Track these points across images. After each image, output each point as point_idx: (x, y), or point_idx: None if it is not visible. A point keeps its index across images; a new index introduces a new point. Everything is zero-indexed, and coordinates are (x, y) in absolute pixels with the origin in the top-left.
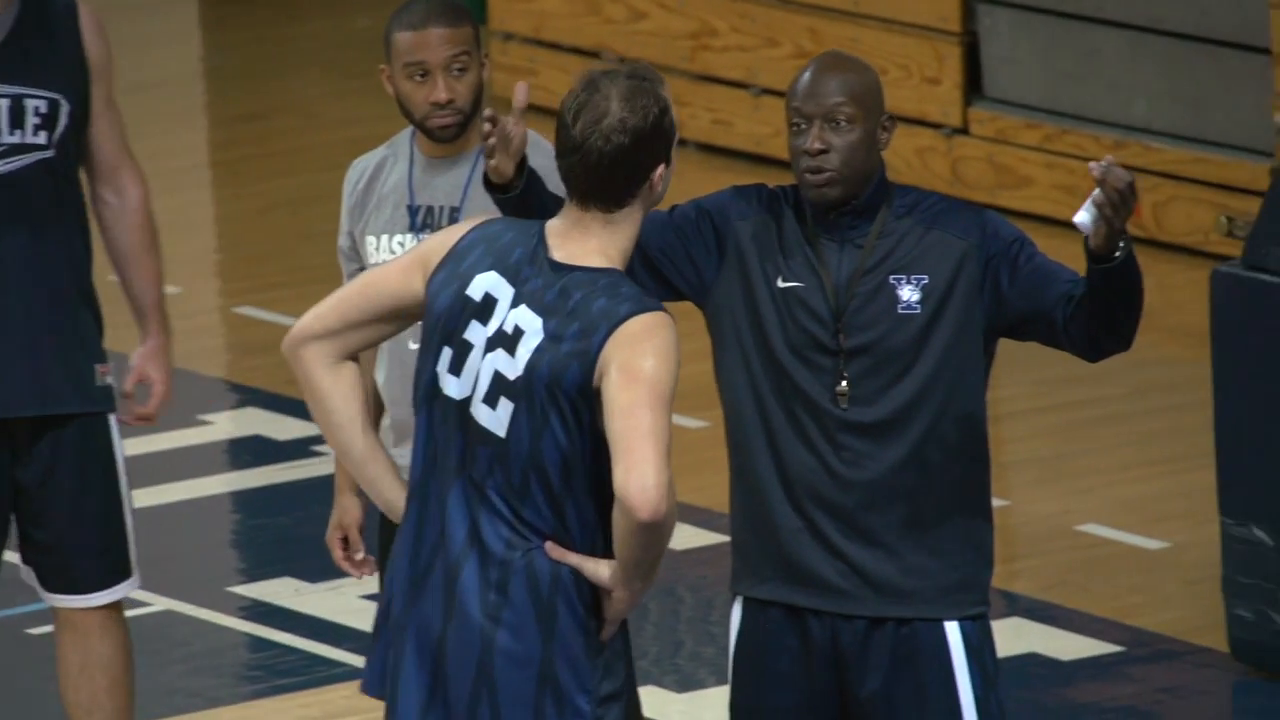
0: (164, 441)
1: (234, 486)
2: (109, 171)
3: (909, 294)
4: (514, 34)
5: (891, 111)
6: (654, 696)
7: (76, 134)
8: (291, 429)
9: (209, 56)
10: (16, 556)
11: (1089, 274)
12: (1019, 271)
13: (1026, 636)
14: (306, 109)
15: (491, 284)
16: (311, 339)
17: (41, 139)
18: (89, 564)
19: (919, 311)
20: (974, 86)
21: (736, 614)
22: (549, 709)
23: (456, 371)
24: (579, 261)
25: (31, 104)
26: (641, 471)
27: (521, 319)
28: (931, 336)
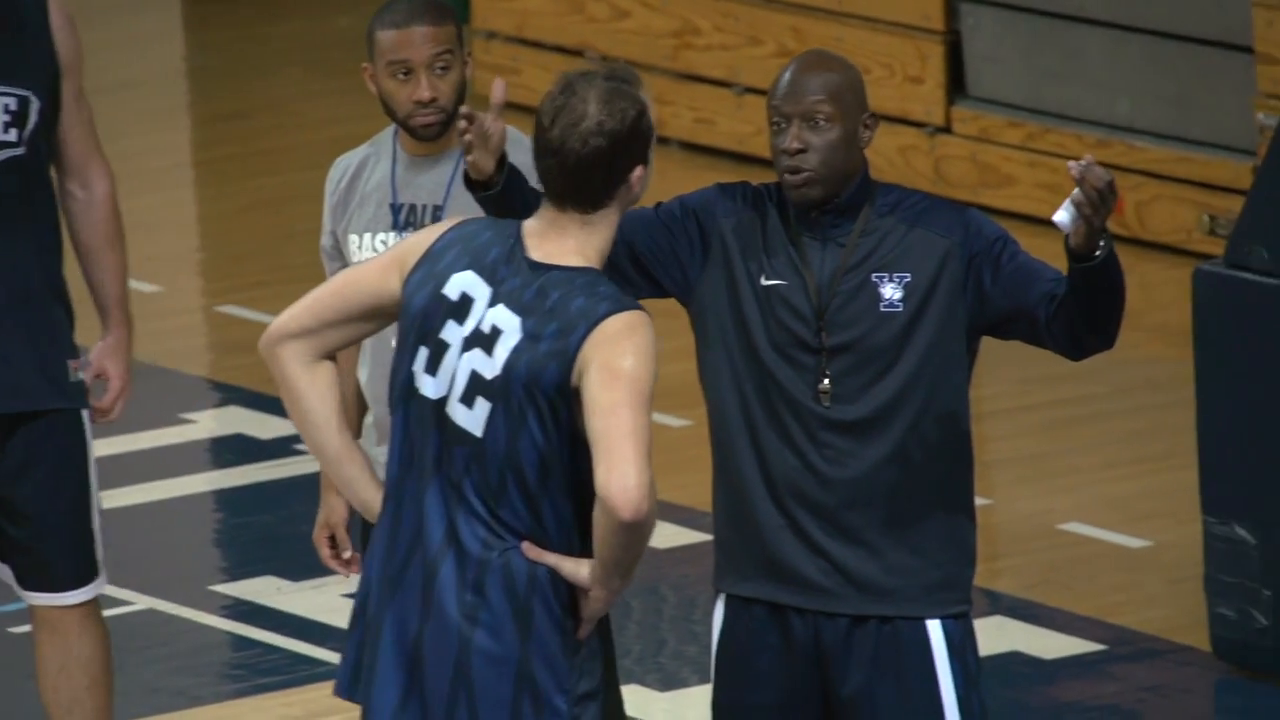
0: (146, 440)
1: (216, 485)
2: (77, 166)
3: (891, 292)
4: (497, 32)
5: (874, 110)
6: (637, 695)
7: (47, 131)
8: (274, 428)
9: (191, 56)
10: None
11: (1070, 273)
12: (1002, 270)
13: (1009, 635)
14: (289, 108)
15: (468, 283)
16: (288, 338)
17: (12, 136)
18: (65, 561)
19: (901, 310)
20: (957, 85)
21: (719, 611)
22: (526, 708)
23: (433, 371)
24: (556, 261)
25: (1, 101)
26: (623, 471)
27: (499, 318)
28: (914, 335)
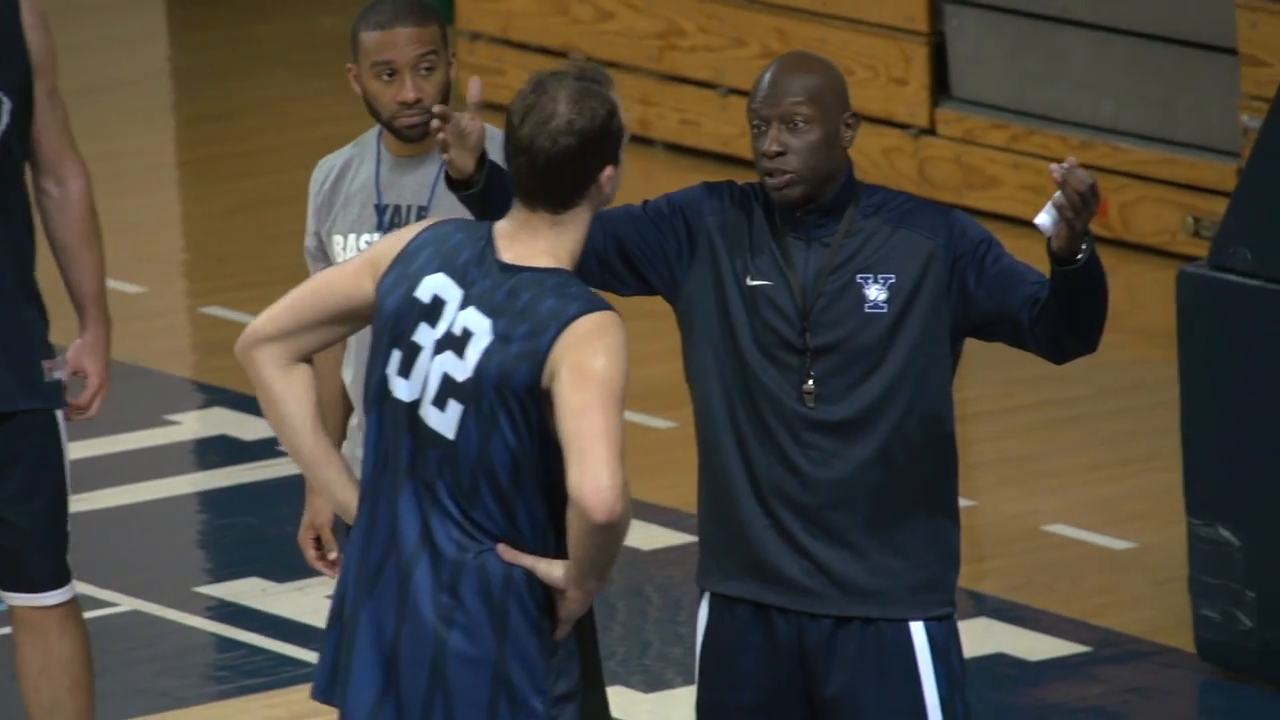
0: (130, 441)
1: (201, 486)
2: (51, 163)
3: (876, 293)
4: (481, 34)
5: (858, 112)
6: (621, 697)
7: (20, 131)
8: (258, 429)
9: (176, 56)
10: None
11: (1052, 276)
12: (986, 272)
13: (994, 637)
14: (273, 109)
15: (440, 286)
16: (264, 341)
17: None
18: (43, 562)
19: (886, 311)
20: (941, 87)
21: (703, 611)
22: (503, 710)
23: (406, 374)
24: (527, 262)
25: None
26: (596, 473)
27: (470, 321)
28: (898, 336)
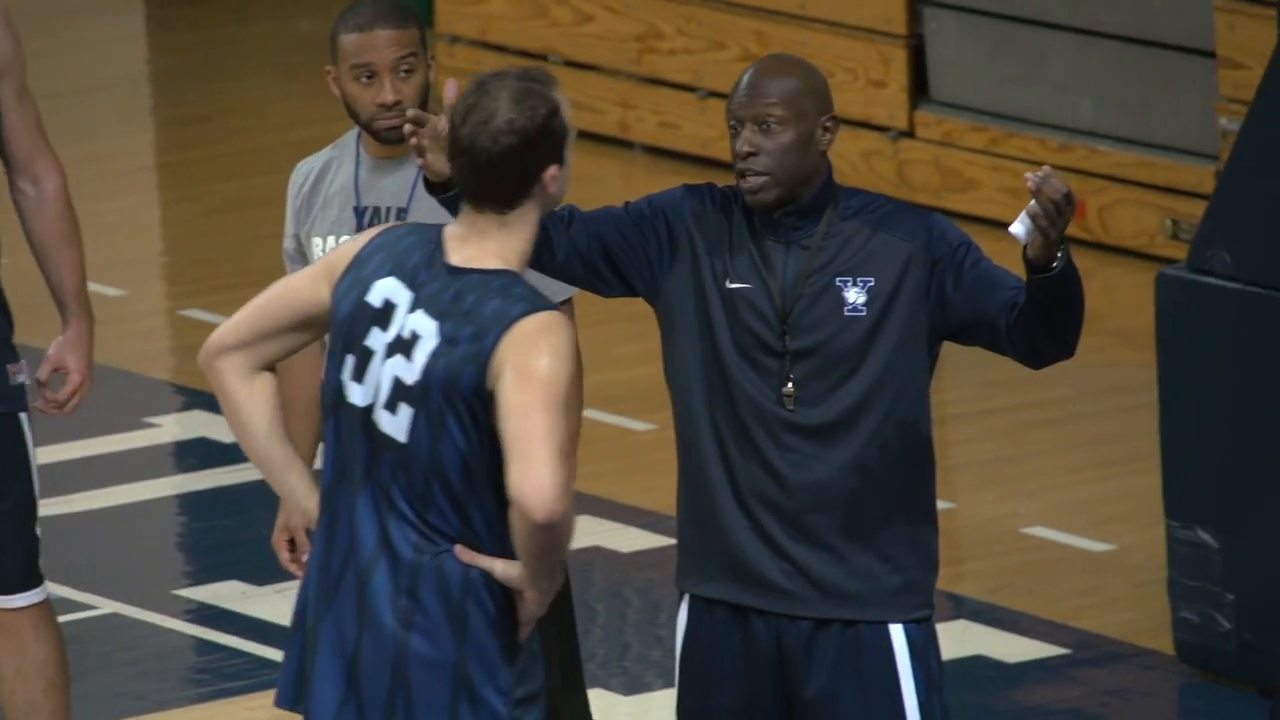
0: (110, 444)
1: (180, 489)
2: (24, 163)
3: (855, 296)
4: (460, 36)
5: (837, 114)
6: (601, 699)
7: None
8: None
9: (155, 59)
10: None
11: (1028, 283)
12: (964, 276)
13: (973, 639)
14: (253, 111)
15: (390, 290)
16: (225, 350)
17: None
18: (13, 564)
19: (865, 314)
20: (920, 89)
21: (683, 613)
22: (464, 712)
23: (359, 379)
24: (475, 264)
25: None
26: (536, 473)
27: (418, 324)
28: (878, 339)
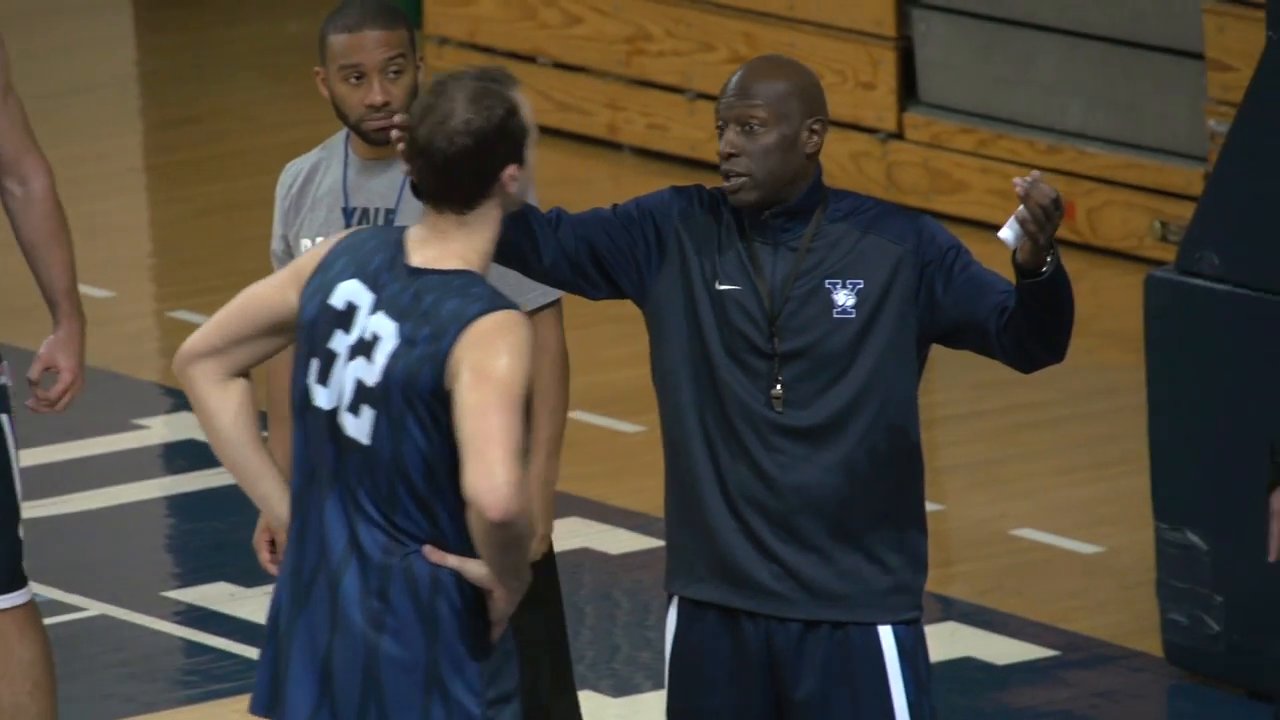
0: (98, 446)
1: (169, 491)
2: (11, 162)
3: (844, 298)
4: (449, 38)
5: (828, 116)
6: (590, 701)
7: None
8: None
9: (143, 60)
10: None
11: (1017, 288)
12: (954, 280)
13: (962, 640)
14: (241, 113)
15: (352, 292)
16: (197, 358)
17: None
18: None
19: (854, 316)
20: (909, 91)
21: (672, 615)
22: (437, 712)
23: (324, 381)
24: (436, 265)
25: None
26: (490, 472)
27: (379, 326)
28: (867, 341)
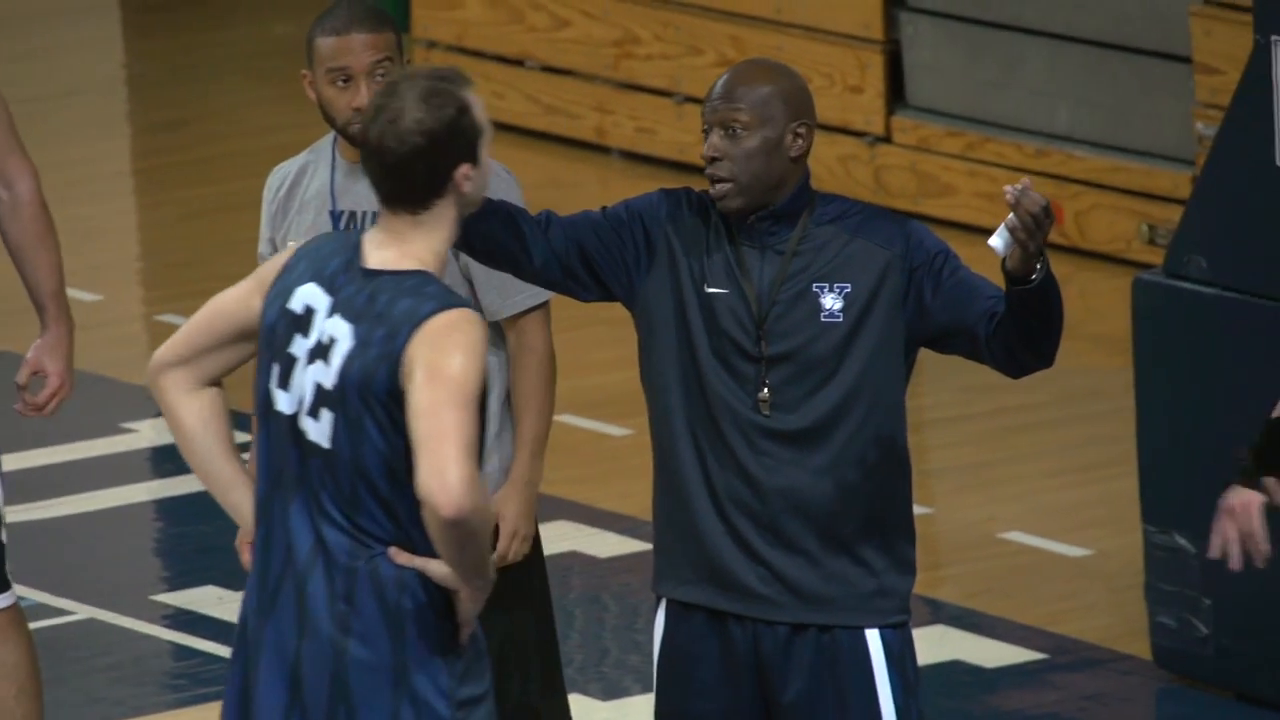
0: (87, 450)
1: (157, 495)
2: None
3: (831, 302)
4: (437, 42)
5: (815, 119)
6: (580, 704)
7: None
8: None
9: (131, 64)
10: None
11: (1007, 295)
12: (942, 284)
13: (950, 644)
14: (229, 116)
15: (310, 296)
16: (167, 368)
17: None
18: None
19: (841, 320)
20: (897, 95)
21: (660, 618)
22: (406, 715)
23: (285, 386)
24: (390, 266)
25: None
26: (442, 469)
27: (335, 328)
28: (854, 345)
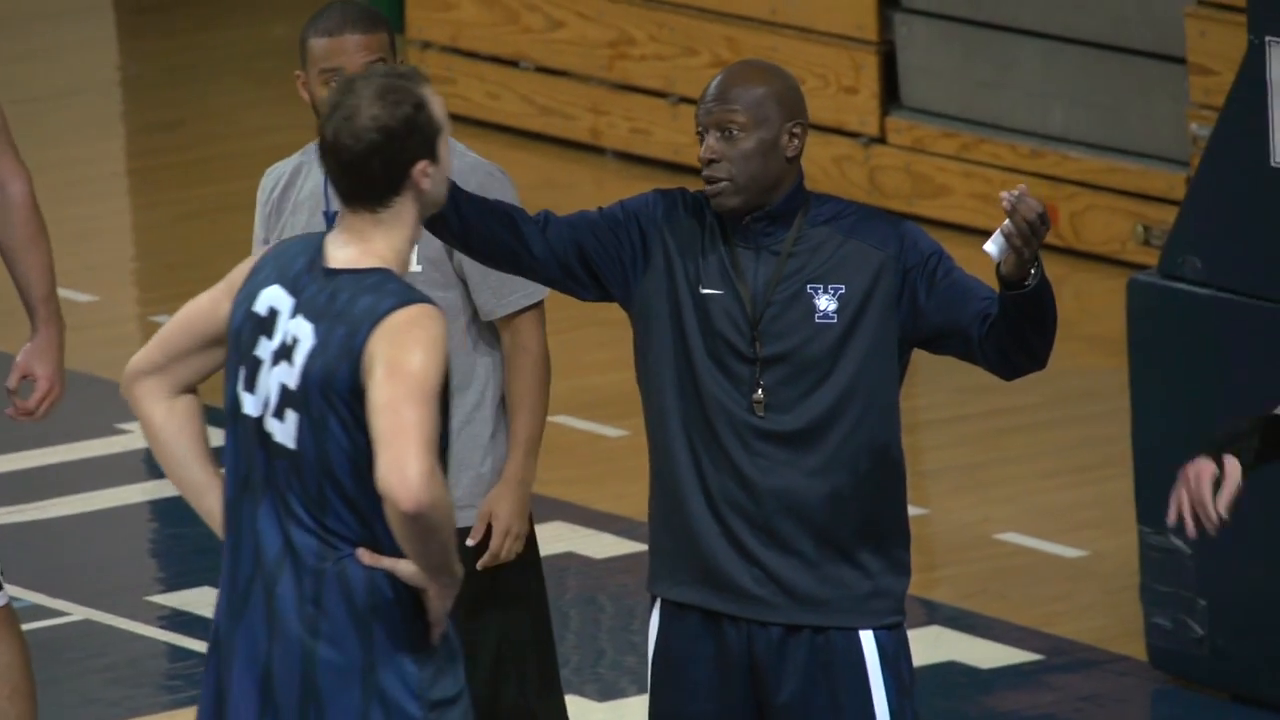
0: (82, 450)
1: (152, 495)
2: None
3: (826, 303)
4: (432, 43)
5: (808, 120)
6: (576, 705)
7: None
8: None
9: (126, 65)
10: None
11: (1001, 299)
12: (936, 286)
13: (946, 645)
14: (224, 117)
15: (274, 298)
16: (141, 376)
17: None
18: None
19: (836, 321)
20: (891, 95)
21: (655, 617)
22: (376, 716)
23: (251, 388)
24: (351, 265)
25: None
26: (401, 463)
27: (298, 329)
28: (848, 346)
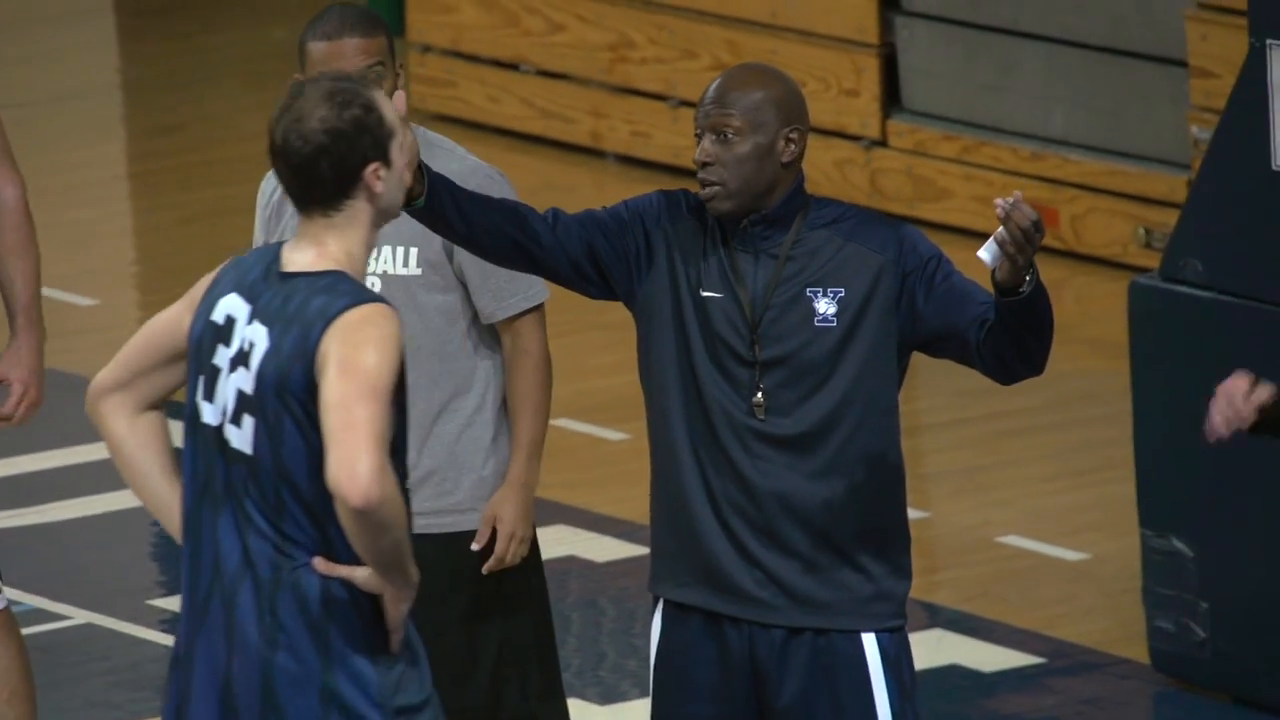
0: (82, 454)
1: None
2: None
3: (825, 307)
4: (432, 46)
5: (809, 124)
6: (577, 709)
7: None
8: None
9: (126, 68)
10: None
11: (997, 305)
12: (935, 289)
13: (948, 648)
14: (224, 120)
15: (231, 305)
16: (106, 393)
17: None
18: None
19: (835, 325)
20: (892, 99)
21: (657, 619)
22: None
23: (210, 397)
24: (306, 268)
25: None
26: (351, 459)
27: (254, 334)
28: (848, 349)
